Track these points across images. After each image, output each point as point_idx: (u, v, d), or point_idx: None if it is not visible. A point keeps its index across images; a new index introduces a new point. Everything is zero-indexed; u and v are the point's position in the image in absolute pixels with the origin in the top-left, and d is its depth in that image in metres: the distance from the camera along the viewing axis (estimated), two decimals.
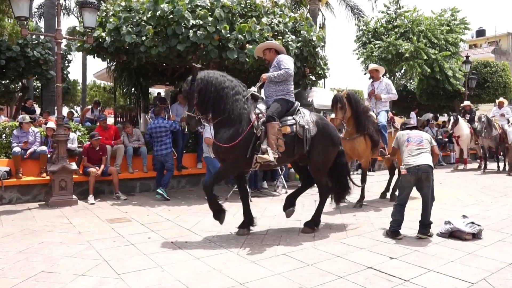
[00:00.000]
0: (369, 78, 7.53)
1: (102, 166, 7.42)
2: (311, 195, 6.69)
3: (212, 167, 7.13)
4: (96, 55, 8.24)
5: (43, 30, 16.23)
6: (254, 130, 4.68)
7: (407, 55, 15.00)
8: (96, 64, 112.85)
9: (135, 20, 7.37)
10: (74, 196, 6.93)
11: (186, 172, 8.63)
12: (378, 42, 16.10)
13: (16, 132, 7.31)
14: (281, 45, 5.32)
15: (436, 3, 33.30)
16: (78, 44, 8.65)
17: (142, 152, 8.13)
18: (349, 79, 70.87)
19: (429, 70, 15.26)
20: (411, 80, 21.36)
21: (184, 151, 8.70)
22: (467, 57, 16.51)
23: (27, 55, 13.31)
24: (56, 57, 7.87)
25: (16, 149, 7.04)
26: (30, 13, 7.04)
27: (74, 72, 65.25)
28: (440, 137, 14.26)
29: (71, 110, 18.06)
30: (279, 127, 4.71)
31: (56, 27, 7.28)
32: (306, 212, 5.97)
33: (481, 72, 17.74)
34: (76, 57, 26.51)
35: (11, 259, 4.05)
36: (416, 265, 3.91)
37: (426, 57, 15.12)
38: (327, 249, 4.41)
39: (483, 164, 12.18)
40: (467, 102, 13.58)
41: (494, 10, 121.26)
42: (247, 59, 7.37)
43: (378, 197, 7.55)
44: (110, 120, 13.44)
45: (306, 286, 3.40)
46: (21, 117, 7.79)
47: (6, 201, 6.94)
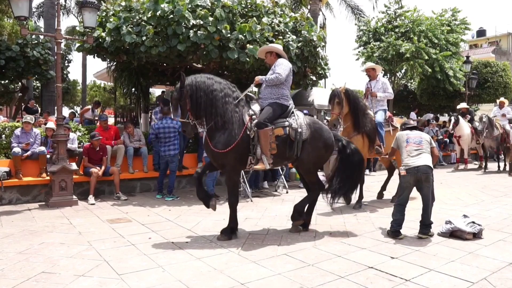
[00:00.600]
0: (367, 75, 7.53)
1: (103, 167, 7.42)
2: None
3: None
4: (96, 55, 8.24)
5: (42, 30, 16.18)
6: (248, 132, 4.69)
7: (408, 55, 15.01)
8: (96, 64, 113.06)
9: (135, 20, 7.37)
10: (74, 197, 6.92)
11: (187, 172, 8.60)
12: (377, 44, 16.13)
13: (17, 132, 7.30)
14: (282, 48, 5.30)
15: (437, 3, 33.32)
16: (78, 44, 8.64)
17: (142, 153, 8.13)
18: (349, 79, 70.98)
19: (429, 70, 15.26)
20: (412, 80, 21.35)
21: (185, 152, 8.69)
22: (467, 57, 16.51)
23: (26, 55, 13.25)
24: (56, 57, 7.86)
25: (16, 149, 7.02)
26: (29, 13, 7.02)
27: (74, 72, 65.40)
28: (441, 136, 14.25)
29: (72, 111, 18.00)
30: (271, 131, 4.69)
31: (55, 27, 7.27)
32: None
33: (481, 72, 17.76)
34: (76, 57, 26.61)
35: (11, 260, 4.04)
36: (417, 264, 3.91)
37: (427, 57, 15.14)
38: (328, 249, 4.41)
39: (484, 164, 12.25)
40: (463, 104, 13.46)
41: (494, 10, 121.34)
42: (248, 59, 7.35)
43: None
44: (110, 120, 13.43)
45: (307, 286, 3.39)
46: (29, 117, 7.74)
47: (6, 201, 6.93)
